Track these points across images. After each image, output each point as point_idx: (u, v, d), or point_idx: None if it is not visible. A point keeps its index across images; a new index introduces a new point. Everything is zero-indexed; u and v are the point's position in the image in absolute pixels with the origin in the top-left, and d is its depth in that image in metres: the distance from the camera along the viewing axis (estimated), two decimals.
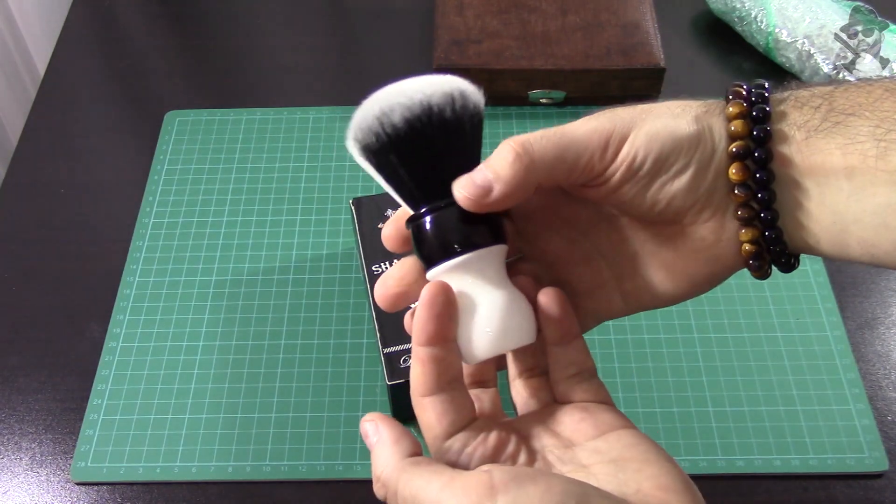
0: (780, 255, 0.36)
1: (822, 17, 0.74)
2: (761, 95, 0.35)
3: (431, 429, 0.36)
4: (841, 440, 0.56)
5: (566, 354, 0.38)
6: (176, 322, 0.63)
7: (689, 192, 0.35)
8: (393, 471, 0.34)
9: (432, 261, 0.36)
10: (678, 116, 0.35)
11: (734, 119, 0.35)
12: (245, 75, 0.81)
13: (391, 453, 0.34)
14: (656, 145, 0.34)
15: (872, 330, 0.62)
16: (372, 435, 0.36)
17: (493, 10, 0.77)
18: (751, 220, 0.35)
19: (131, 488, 0.56)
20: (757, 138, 0.34)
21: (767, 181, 0.34)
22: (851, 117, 0.33)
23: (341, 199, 0.70)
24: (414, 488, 0.33)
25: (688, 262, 0.37)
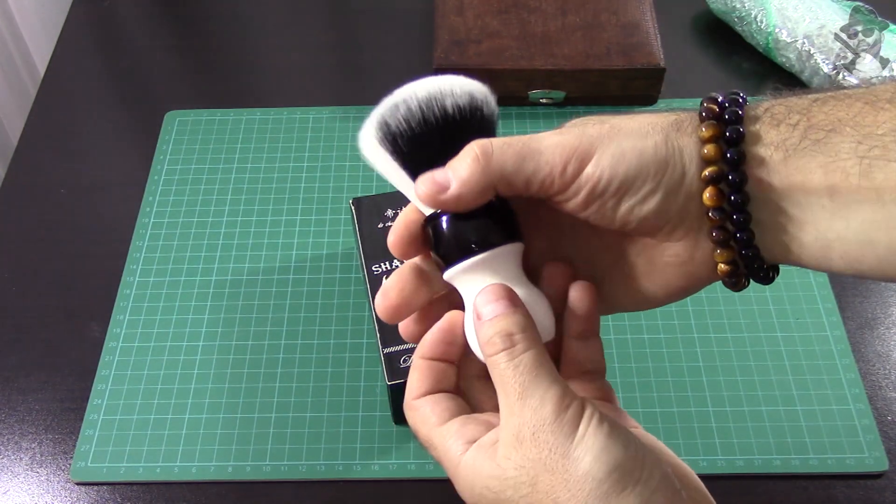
0: (757, 270, 0.36)
1: (822, 17, 0.74)
2: (735, 114, 0.34)
3: (426, 421, 0.37)
4: (841, 440, 0.56)
5: (584, 350, 0.39)
6: (176, 322, 0.63)
7: (658, 215, 0.35)
8: (535, 338, 0.35)
9: (450, 260, 0.36)
10: (647, 136, 0.34)
11: (707, 142, 0.34)
12: (245, 75, 0.81)
13: (534, 328, 0.35)
14: (622, 168, 0.34)
15: (872, 330, 0.62)
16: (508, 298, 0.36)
17: (493, 10, 0.77)
18: (726, 241, 0.35)
19: (131, 488, 0.56)
20: (731, 161, 0.33)
21: (742, 204, 0.34)
22: (832, 133, 0.32)
23: (341, 199, 0.70)
24: (539, 362, 0.34)
25: (662, 275, 0.37)
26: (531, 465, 0.33)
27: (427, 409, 0.37)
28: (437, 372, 0.38)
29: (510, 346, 0.34)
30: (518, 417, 0.33)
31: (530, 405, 0.33)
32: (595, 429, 0.33)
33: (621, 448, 0.32)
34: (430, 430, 0.37)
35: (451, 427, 0.36)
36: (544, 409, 0.33)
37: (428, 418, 0.37)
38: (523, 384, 0.34)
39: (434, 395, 0.37)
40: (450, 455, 0.36)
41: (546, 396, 0.33)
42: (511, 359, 0.34)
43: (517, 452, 0.33)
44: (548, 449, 0.33)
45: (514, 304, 0.35)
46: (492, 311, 0.35)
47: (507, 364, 0.34)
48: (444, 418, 0.37)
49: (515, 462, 0.33)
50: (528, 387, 0.34)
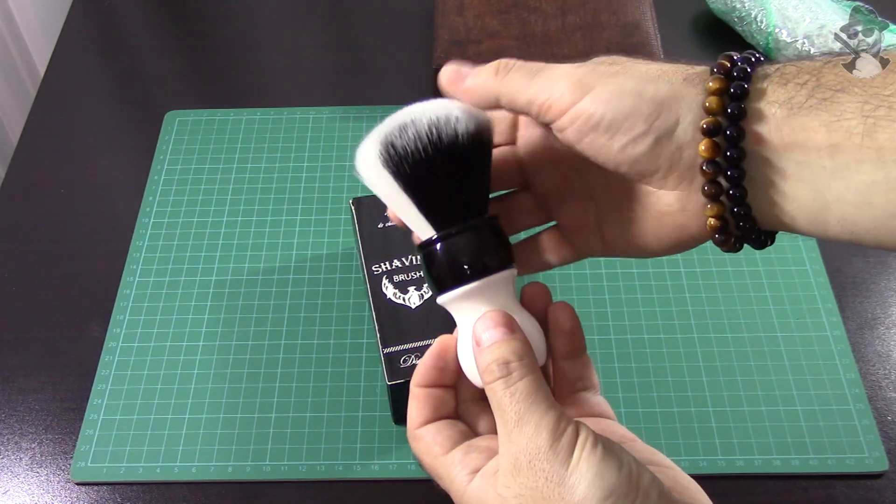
0: (749, 231, 0.36)
1: (822, 17, 0.74)
2: (744, 71, 0.34)
3: (430, 451, 0.37)
4: (841, 440, 0.56)
5: (574, 369, 0.39)
6: (176, 322, 0.63)
7: (649, 159, 0.35)
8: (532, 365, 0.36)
9: (444, 286, 0.37)
10: (650, 81, 0.35)
11: (711, 95, 0.34)
12: (245, 75, 0.81)
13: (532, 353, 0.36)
14: (614, 104, 0.34)
15: (872, 330, 0.62)
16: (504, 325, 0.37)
17: (493, 10, 0.77)
18: (716, 195, 0.35)
19: (131, 488, 0.56)
20: (730, 115, 0.34)
21: (738, 159, 0.34)
22: (839, 93, 0.32)
23: (341, 199, 0.70)
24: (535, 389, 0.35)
25: (657, 224, 0.37)
26: (529, 494, 0.33)
27: (429, 439, 0.38)
28: (435, 399, 0.39)
29: (507, 374, 0.35)
30: (515, 445, 0.34)
31: (526, 433, 0.34)
32: (589, 454, 0.33)
33: (615, 472, 0.33)
34: (434, 460, 0.37)
35: (454, 457, 0.37)
36: (539, 436, 0.34)
37: (431, 448, 0.38)
38: (519, 412, 0.34)
39: (435, 424, 0.38)
40: (456, 485, 0.36)
41: (541, 423, 0.34)
42: (507, 386, 0.35)
43: (515, 481, 0.34)
44: (544, 478, 0.33)
45: (511, 330, 0.36)
46: (490, 338, 0.36)
47: (503, 392, 0.35)
48: (447, 447, 0.37)
49: (514, 491, 0.34)
50: (523, 414, 0.34)
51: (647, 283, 0.64)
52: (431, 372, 0.39)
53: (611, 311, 0.63)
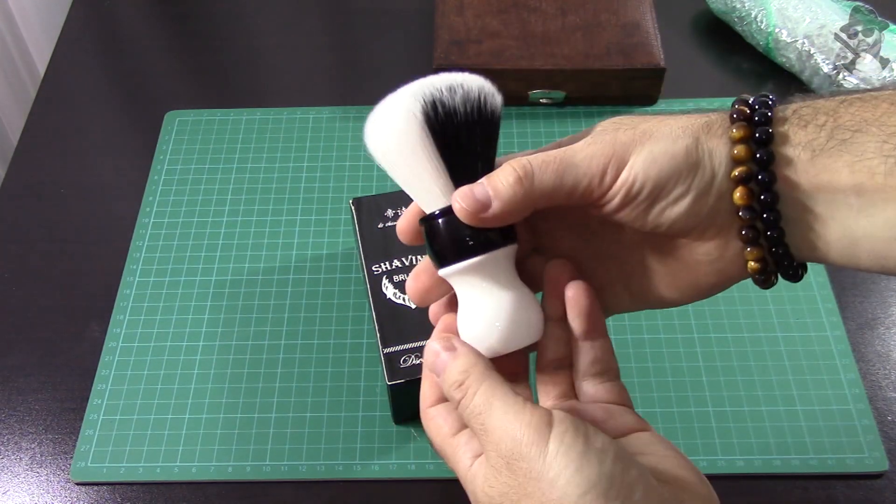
0: (787, 268, 0.36)
1: (822, 17, 0.74)
2: (765, 116, 0.35)
3: (439, 431, 0.38)
4: (841, 440, 0.56)
5: (592, 351, 0.39)
6: (176, 322, 0.63)
7: (690, 216, 0.35)
8: (480, 375, 0.36)
9: (445, 260, 0.37)
10: (677, 140, 0.35)
11: (738, 143, 0.35)
12: (245, 75, 0.81)
13: (478, 361, 0.36)
14: (654, 172, 0.34)
15: (872, 330, 0.62)
16: (445, 349, 0.37)
17: (493, 10, 0.77)
18: (755, 239, 0.35)
19: (131, 488, 0.56)
20: (760, 161, 0.34)
21: (772, 203, 0.34)
22: (858, 133, 0.33)
23: (341, 199, 0.70)
24: (488, 398, 0.35)
25: (692, 273, 0.38)
26: (513, 492, 0.34)
27: (440, 419, 0.38)
28: None
29: (462, 396, 0.36)
30: (491, 452, 0.34)
31: (494, 439, 0.34)
32: (569, 447, 0.33)
33: (595, 466, 0.32)
34: (443, 440, 0.38)
35: (460, 439, 0.37)
36: (507, 436, 0.34)
37: (440, 428, 0.38)
38: (483, 423, 0.35)
39: (446, 404, 0.38)
40: (460, 467, 0.37)
41: (504, 425, 0.34)
42: (466, 406, 0.36)
43: (498, 481, 0.34)
44: (524, 475, 0.33)
45: (451, 349, 0.37)
46: (440, 368, 0.37)
47: (465, 411, 0.36)
48: (456, 428, 0.38)
49: (498, 490, 0.34)
50: (486, 424, 0.35)
51: None
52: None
53: None
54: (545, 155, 0.35)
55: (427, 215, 0.37)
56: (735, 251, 0.36)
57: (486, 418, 0.35)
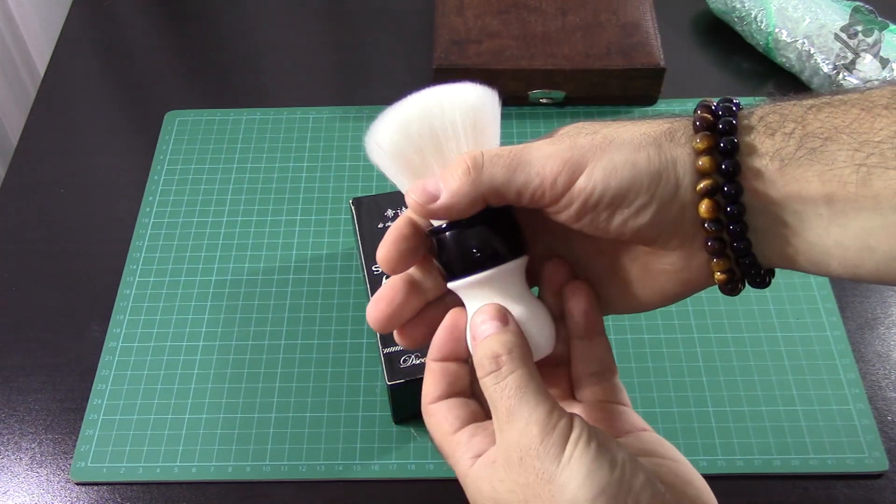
0: (754, 276, 0.36)
1: (822, 17, 0.74)
2: (729, 124, 0.33)
3: (440, 427, 0.37)
4: (841, 440, 0.56)
5: (590, 350, 0.39)
6: (176, 322, 0.63)
7: (652, 227, 0.35)
8: (521, 358, 0.35)
9: (454, 273, 0.36)
10: (639, 148, 0.34)
11: (702, 154, 0.33)
12: (245, 75, 0.81)
13: (524, 345, 0.36)
14: (614, 182, 0.33)
15: (872, 330, 0.62)
16: (497, 318, 0.36)
17: (493, 10, 0.77)
18: (722, 251, 0.35)
19: (131, 488, 0.56)
20: (726, 172, 0.33)
21: (739, 215, 0.34)
22: (828, 142, 0.32)
23: (341, 199, 0.70)
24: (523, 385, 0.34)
25: (657, 281, 0.37)
26: (521, 490, 0.33)
27: (441, 416, 0.37)
28: (450, 374, 0.38)
29: (496, 369, 0.35)
30: (507, 441, 0.34)
31: (517, 429, 0.34)
32: (582, 452, 0.33)
33: (606, 472, 0.32)
34: (443, 437, 0.37)
35: (460, 438, 0.37)
36: (530, 432, 0.33)
37: (441, 425, 0.37)
38: (509, 407, 0.34)
39: (448, 401, 0.38)
40: (459, 466, 0.36)
41: (531, 419, 0.34)
42: (497, 381, 0.35)
43: (508, 476, 0.34)
44: (535, 474, 0.33)
45: (504, 323, 0.36)
46: (483, 333, 0.36)
47: (494, 387, 0.35)
48: (456, 427, 0.37)
49: (507, 486, 0.34)
50: (513, 410, 0.34)
51: None
52: (445, 344, 0.38)
53: None
54: (500, 150, 0.35)
55: (434, 228, 0.36)
56: (701, 261, 0.36)
57: (514, 403, 0.34)
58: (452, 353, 0.38)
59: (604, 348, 0.39)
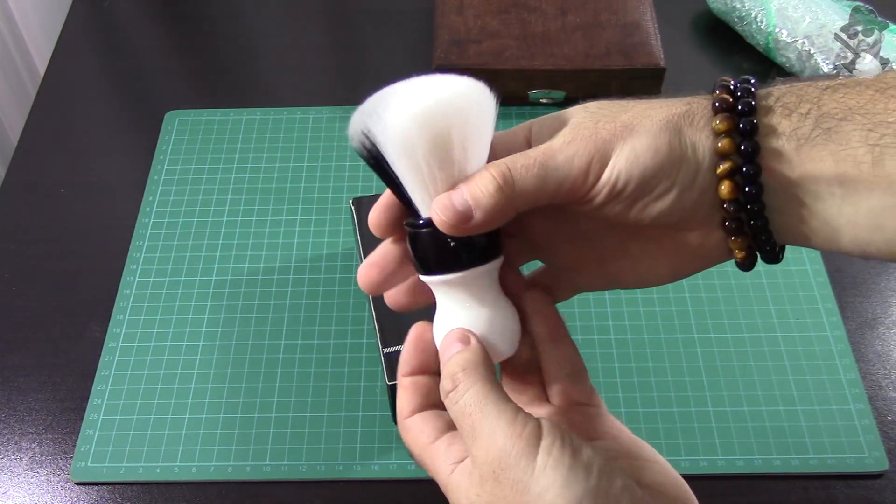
0: (769, 252, 0.36)
1: (822, 17, 0.74)
2: (748, 105, 0.34)
3: (418, 440, 0.37)
4: (841, 440, 0.56)
5: (557, 351, 0.39)
6: (176, 322, 0.63)
7: (673, 210, 0.35)
8: (477, 374, 0.35)
9: (428, 269, 0.36)
10: (660, 133, 0.34)
11: (721, 136, 0.34)
12: (245, 75, 0.81)
13: (482, 361, 0.36)
14: (637, 169, 0.34)
15: (872, 330, 0.62)
16: (458, 340, 0.36)
17: (493, 10, 0.77)
18: (740, 230, 0.35)
19: (131, 488, 0.56)
20: (745, 153, 0.33)
21: (757, 194, 0.34)
22: (843, 122, 0.32)
23: (341, 199, 0.70)
24: (481, 399, 0.34)
25: (670, 258, 0.37)
26: (499, 502, 0.33)
27: (417, 429, 0.38)
28: (421, 387, 0.38)
29: (454, 388, 0.35)
30: (478, 460, 0.34)
31: (483, 444, 0.34)
32: (556, 460, 0.32)
33: (583, 480, 0.32)
34: (422, 449, 0.37)
35: (439, 447, 0.37)
36: (496, 443, 0.33)
37: (418, 438, 0.37)
38: (472, 424, 0.34)
39: (422, 414, 0.38)
40: (440, 476, 0.36)
41: (496, 429, 0.33)
42: (455, 402, 0.35)
43: (483, 489, 0.34)
44: (510, 487, 0.33)
45: (465, 343, 0.36)
46: (446, 357, 0.36)
47: (454, 407, 0.35)
48: (433, 437, 0.37)
49: (485, 500, 0.34)
50: (475, 427, 0.34)
51: None
52: (413, 358, 0.38)
53: (611, 311, 0.63)
54: (524, 158, 0.34)
55: (410, 221, 0.36)
56: (717, 238, 0.36)
57: (475, 420, 0.34)
58: (421, 367, 0.38)
59: (572, 350, 0.39)
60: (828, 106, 0.33)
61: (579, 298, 0.63)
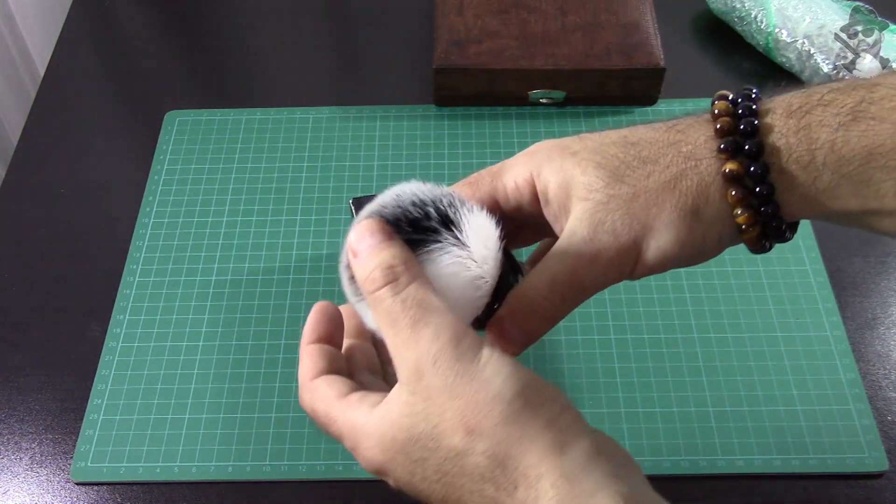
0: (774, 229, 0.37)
1: (822, 17, 0.74)
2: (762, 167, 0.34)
3: (326, 396, 0.37)
4: (841, 440, 0.56)
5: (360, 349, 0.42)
6: (176, 322, 0.63)
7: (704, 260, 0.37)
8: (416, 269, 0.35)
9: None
10: (680, 225, 0.35)
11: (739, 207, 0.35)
12: (245, 75, 0.81)
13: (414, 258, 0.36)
14: (669, 263, 0.35)
15: (872, 330, 0.62)
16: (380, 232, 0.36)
17: (493, 10, 0.77)
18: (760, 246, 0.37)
19: (131, 488, 0.56)
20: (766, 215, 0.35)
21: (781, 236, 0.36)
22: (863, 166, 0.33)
23: (341, 199, 0.70)
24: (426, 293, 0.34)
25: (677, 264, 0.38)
26: (437, 394, 0.32)
27: (324, 387, 0.37)
28: (328, 353, 0.38)
29: (393, 280, 0.34)
30: (413, 350, 0.33)
31: (425, 336, 0.33)
32: (500, 356, 0.33)
33: (526, 373, 0.33)
34: (330, 403, 0.36)
35: (351, 398, 0.36)
36: (442, 336, 0.33)
37: (326, 394, 0.37)
38: (414, 317, 0.33)
39: (329, 376, 0.37)
40: (353, 422, 0.35)
41: (441, 326, 0.33)
42: (396, 293, 0.34)
43: (420, 384, 0.33)
44: (452, 374, 0.32)
45: (390, 237, 0.35)
46: (368, 247, 0.35)
47: (392, 299, 0.34)
48: (343, 393, 0.36)
49: (420, 396, 0.33)
50: (419, 319, 0.33)
51: (647, 283, 0.64)
52: (318, 327, 0.38)
53: (611, 311, 0.63)
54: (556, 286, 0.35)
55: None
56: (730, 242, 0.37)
57: (419, 313, 0.33)
58: (325, 336, 0.38)
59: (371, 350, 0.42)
60: (844, 150, 0.33)
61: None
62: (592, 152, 0.36)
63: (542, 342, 0.60)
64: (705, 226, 0.35)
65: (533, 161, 0.37)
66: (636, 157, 0.35)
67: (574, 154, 0.36)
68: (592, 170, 0.35)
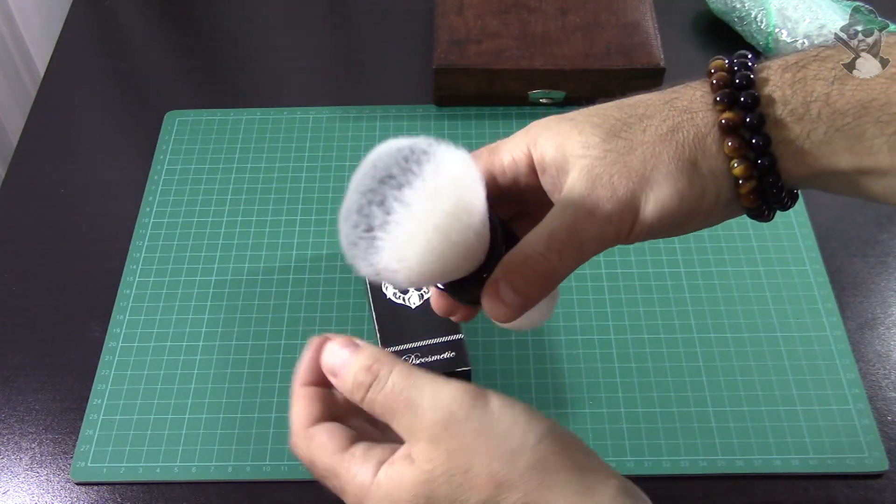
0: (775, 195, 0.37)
1: (822, 17, 0.74)
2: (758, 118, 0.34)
3: (325, 448, 0.36)
4: (841, 440, 0.56)
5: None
6: (176, 322, 0.63)
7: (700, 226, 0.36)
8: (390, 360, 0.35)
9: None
10: (678, 177, 0.34)
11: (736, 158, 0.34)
12: (245, 75, 0.81)
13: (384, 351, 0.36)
14: (667, 218, 0.35)
15: (872, 330, 0.62)
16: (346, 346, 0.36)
17: (493, 10, 0.77)
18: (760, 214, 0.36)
19: (131, 488, 0.56)
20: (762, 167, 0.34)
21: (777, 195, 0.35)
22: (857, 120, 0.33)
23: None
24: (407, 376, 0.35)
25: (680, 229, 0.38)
26: (458, 455, 0.32)
27: (324, 437, 0.36)
28: (324, 397, 0.38)
29: (374, 377, 0.35)
30: (421, 424, 0.33)
31: (426, 408, 0.33)
32: (511, 403, 0.33)
33: (542, 419, 0.33)
34: (332, 457, 0.36)
35: (355, 452, 0.35)
36: (442, 399, 0.33)
37: (327, 445, 0.36)
38: (407, 399, 0.34)
39: (328, 424, 0.37)
40: (358, 480, 0.35)
41: (438, 391, 0.33)
42: (381, 389, 0.34)
43: (438, 451, 0.33)
44: (470, 434, 0.32)
45: (355, 347, 0.36)
46: (341, 364, 0.36)
47: (380, 394, 0.34)
48: (345, 445, 0.36)
49: (440, 459, 0.33)
50: (412, 398, 0.34)
51: (647, 283, 0.64)
52: (314, 369, 0.38)
53: (611, 311, 0.63)
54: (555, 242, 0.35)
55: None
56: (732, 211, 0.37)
57: (411, 393, 0.34)
58: (322, 377, 0.38)
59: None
60: (839, 103, 0.33)
61: (579, 298, 0.63)
62: (588, 115, 0.36)
63: (542, 342, 0.60)
64: (703, 179, 0.34)
65: (529, 134, 0.37)
66: (632, 114, 0.36)
67: (570, 119, 0.37)
68: (589, 129, 0.36)
